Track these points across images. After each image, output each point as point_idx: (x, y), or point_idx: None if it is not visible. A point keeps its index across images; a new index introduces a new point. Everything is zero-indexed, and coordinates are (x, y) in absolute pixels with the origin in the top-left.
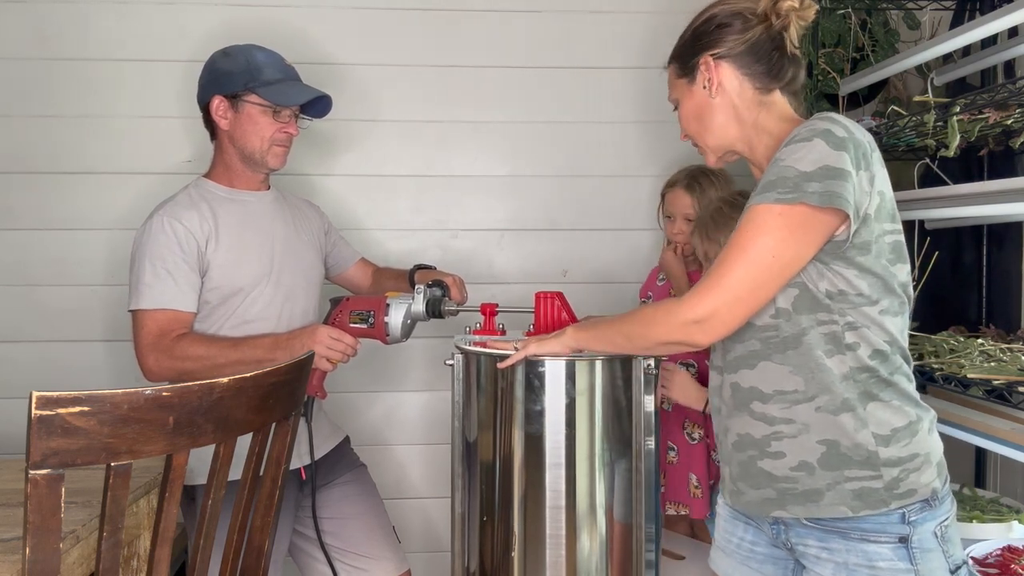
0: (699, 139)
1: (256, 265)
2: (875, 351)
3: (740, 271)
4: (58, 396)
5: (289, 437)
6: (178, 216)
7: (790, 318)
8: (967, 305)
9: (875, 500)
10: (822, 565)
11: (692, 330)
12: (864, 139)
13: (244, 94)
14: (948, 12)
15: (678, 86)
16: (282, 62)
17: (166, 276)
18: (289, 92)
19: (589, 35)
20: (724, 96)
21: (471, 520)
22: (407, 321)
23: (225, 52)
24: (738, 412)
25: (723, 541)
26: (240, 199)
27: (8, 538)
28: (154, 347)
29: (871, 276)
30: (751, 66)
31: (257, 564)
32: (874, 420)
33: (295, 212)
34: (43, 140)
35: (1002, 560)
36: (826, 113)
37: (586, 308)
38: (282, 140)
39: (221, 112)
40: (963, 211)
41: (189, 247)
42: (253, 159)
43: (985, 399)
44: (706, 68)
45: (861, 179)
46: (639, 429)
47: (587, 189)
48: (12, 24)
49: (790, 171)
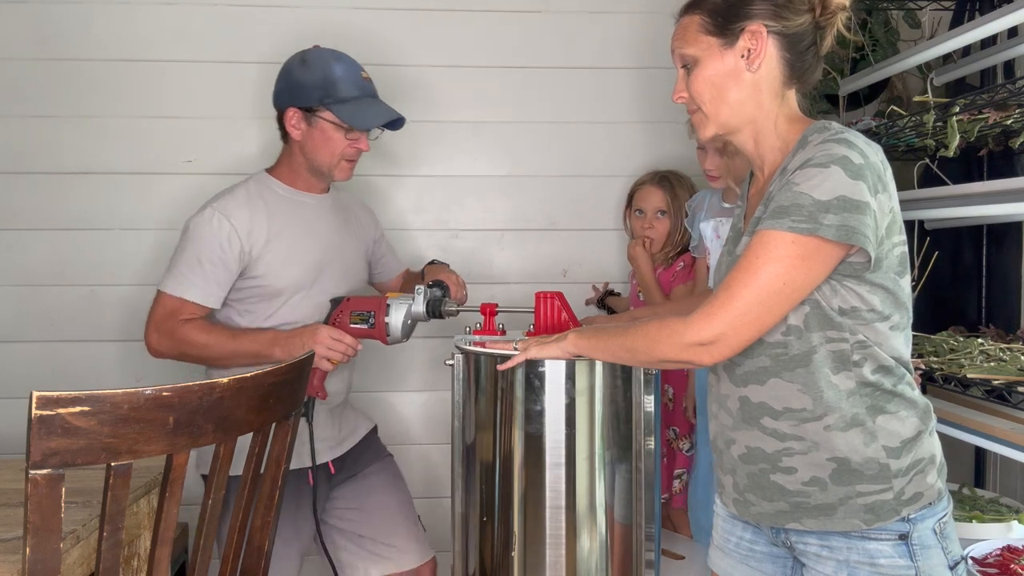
0: (709, 106)
1: (301, 269)
2: (880, 367)
3: (749, 296)
4: (58, 396)
5: (289, 437)
6: (229, 213)
7: (801, 335)
8: (967, 305)
9: (886, 511)
10: (823, 563)
11: (698, 352)
12: (878, 159)
13: (319, 110)
14: (948, 12)
15: (703, 43)
16: (359, 75)
17: (198, 269)
18: (365, 114)
19: (589, 35)
20: (759, 74)
21: (471, 520)
22: (407, 321)
23: (303, 60)
24: (747, 426)
25: (722, 540)
26: (299, 200)
27: (8, 538)
28: (159, 327)
29: (882, 291)
30: (792, 53)
31: (257, 564)
32: (884, 433)
33: (349, 216)
34: (43, 140)
35: (1002, 560)
36: (838, 129)
37: (586, 308)
38: (352, 155)
39: (295, 123)
40: (963, 211)
41: (231, 246)
42: (320, 171)
43: (985, 399)
44: (754, 37)
45: (880, 203)
46: (639, 429)
47: (587, 189)
48: (12, 24)
49: (805, 199)
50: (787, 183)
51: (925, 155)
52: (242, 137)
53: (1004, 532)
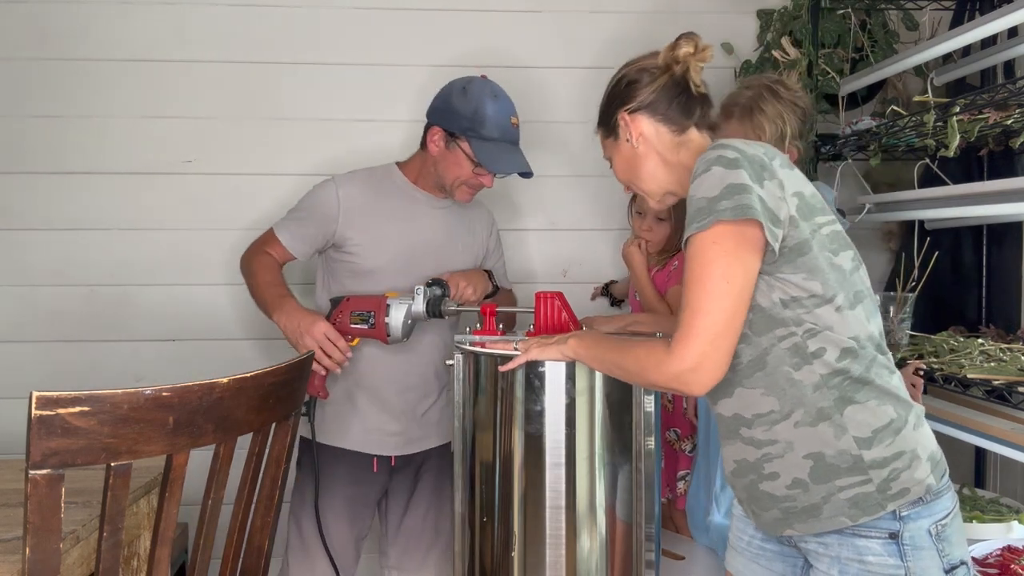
0: (636, 186)
1: (390, 254)
2: (842, 351)
3: (704, 304)
4: (58, 396)
5: (289, 437)
6: (341, 183)
7: (750, 341)
8: (967, 305)
9: (871, 505)
10: (820, 560)
11: (687, 378)
12: (758, 152)
13: (460, 138)
14: (948, 12)
15: (607, 145)
16: (508, 120)
17: (296, 221)
18: (498, 160)
19: (589, 35)
20: (646, 144)
21: (471, 520)
22: (408, 321)
23: (465, 88)
24: (730, 439)
25: (736, 540)
26: (413, 194)
27: (8, 538)
28: (251, 246)
29: (820, 274)
30: (663, 112)
31: (257, 564)
32: (853, 424)
33: (461, 219)
34: (43, 140)
35: (1002, 560)
36: (717, 141)
37: (586, 308)
38: (475, 185)
39: (436, 140)
40: (963, 211)
41: (328, 211)
42: (442, 186)
43: (985, 399)
44: (624, 123)
45: (769, 188)
46: (639, 429)
47: (587, 189)
48: (12, 24)
49: (701, 202)
50: (687, 200)
51: (925, 155)
52: (242, 137)
53: (1004, 532)
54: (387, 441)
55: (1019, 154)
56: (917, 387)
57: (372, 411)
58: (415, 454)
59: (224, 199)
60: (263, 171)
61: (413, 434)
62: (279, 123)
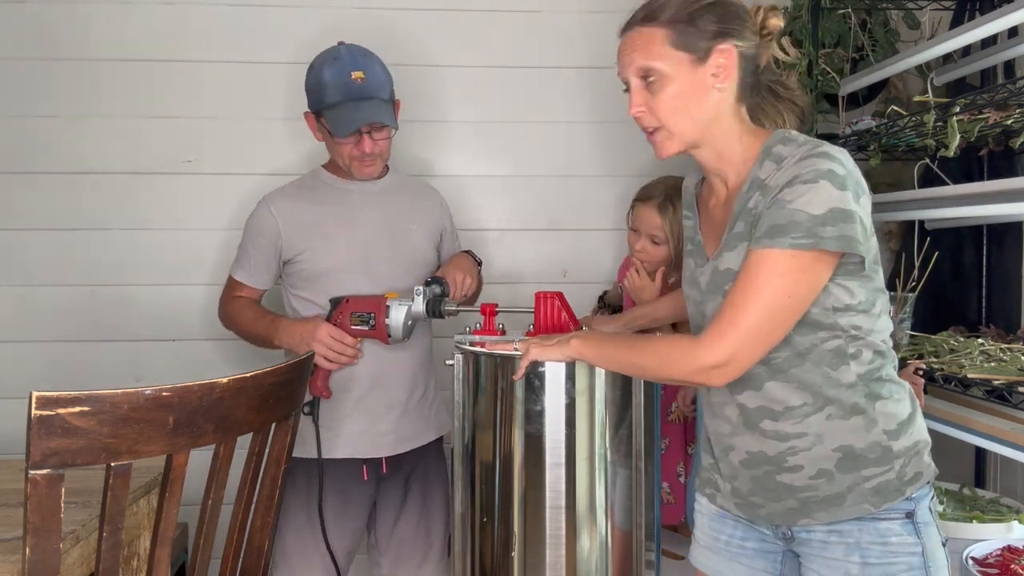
0: (673, 123)
1: (343, 251)
2: (875, 352)
3: (757, 312)
4: (58, 396)
5: (289, 437)
6: (272, 201)
7: (789, 340)
8: (967, 305)
9: (891, 491)
10: (830, 549)
11: (711, 374)
12: (854, 167)
13: (320, 115)
14: (948, 12)
15: (673, 58)
16: (347, 76)
17: (246, 256)
18: (342, 121)
19: (590, 35)
20: (724, 92)
21: (471, 520)
22: (408, 322)
23: (311, 64)
24: (747, 431)
25: (708, 540)
26: (343, 188)
27: (8, 538)
28: (221, 300)
29: (869, 282)
30: (745, 72)
31: (257, 564)
32: (883, 417)
33: (403, 195)
34: (43, 140)
35: (1002, 560)
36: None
37: (586, 308)
38: (358, 156)
39: (312, 127)
40: (963, 211)
41: (270, 233)
42: (345, 170)
43: (985, 399)
44: (725, 55)
45: (864, 205)
46: (639, 429)
47: (587, 189)
48: (12, 24)
49: (801, 215)
50: (776, 201)
51: (925, 155)
52: (242, 137)
53: (1004, 532)
54: (380, 441)
55: (1019, 154)
56: (917, 386)
57: (361, 412)
58: (406, 454)
59: (224, 199)
60: (263, 171)
61: (405, 432)
62: (279, 123)
